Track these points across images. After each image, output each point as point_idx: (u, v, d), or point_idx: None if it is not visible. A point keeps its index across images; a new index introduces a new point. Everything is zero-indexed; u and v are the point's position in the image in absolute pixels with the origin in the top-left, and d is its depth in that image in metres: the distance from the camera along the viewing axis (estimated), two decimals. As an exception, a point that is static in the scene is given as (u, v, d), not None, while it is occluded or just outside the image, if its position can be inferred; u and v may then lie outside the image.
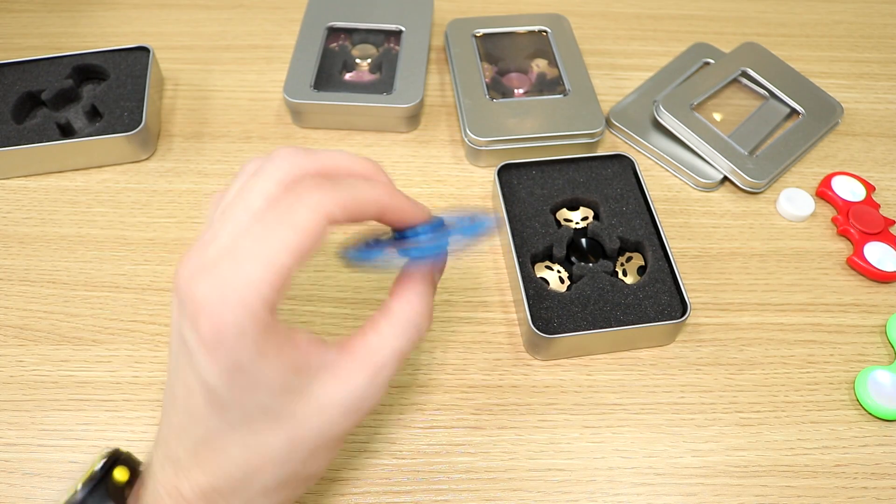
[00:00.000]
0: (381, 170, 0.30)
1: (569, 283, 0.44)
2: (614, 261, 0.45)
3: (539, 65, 0.57)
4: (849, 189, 0.50)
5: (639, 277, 0.44)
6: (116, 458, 0.30)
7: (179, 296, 0.25)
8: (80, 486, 0.29)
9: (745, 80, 0.56)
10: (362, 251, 0.31)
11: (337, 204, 0.26)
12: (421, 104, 0.52)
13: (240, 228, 0.25)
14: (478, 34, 0.57)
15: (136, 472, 0.30)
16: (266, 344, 0.25)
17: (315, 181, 0.26)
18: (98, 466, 0.29)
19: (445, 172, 0.51)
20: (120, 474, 0.30)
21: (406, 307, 0.29)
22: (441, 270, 0.32)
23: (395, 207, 0.28)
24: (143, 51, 0.54)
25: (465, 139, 0.50)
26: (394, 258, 0.30)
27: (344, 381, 0.27)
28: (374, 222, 0.29)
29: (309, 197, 0.25)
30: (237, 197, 0.27)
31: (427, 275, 0.30)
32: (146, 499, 0.28)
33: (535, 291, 0.42)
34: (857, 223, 0.47)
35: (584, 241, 0.46)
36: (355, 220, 0.27)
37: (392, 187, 0.29)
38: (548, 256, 0.45)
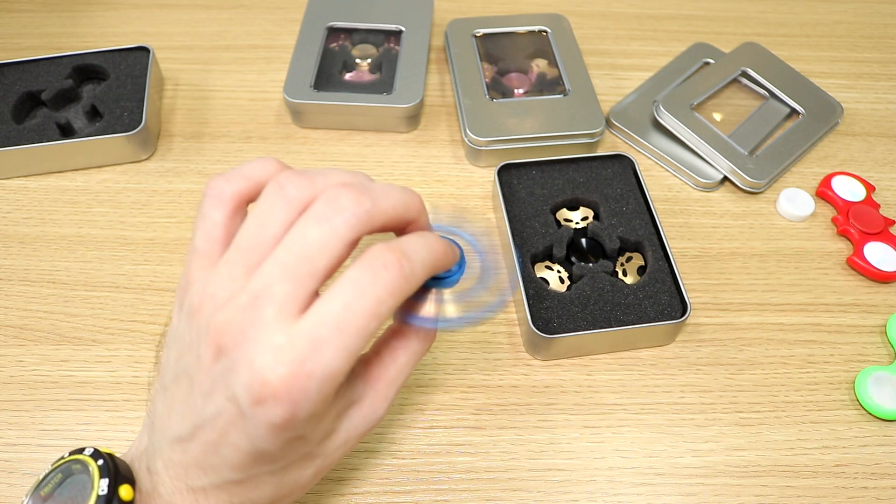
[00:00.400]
0: (424, 210, 0.29)
1: (569, 283, 0.44)
2: (614, 261, 0.45)
3: (539, 65, 0.57)
4: (849, 189, 0.50)
5: (639, 277, 0.44)
6: (115, 472, 0.28)
7: (222, 348, 0.24)
8: None
9: (745, 80, 0.56)
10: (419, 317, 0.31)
11: (404, 276, 0.25)
12: (421, 104, 0.52)
13: (306, 290, 0.24)
14: (478, 34, 0.57)
15: (134, 487, 0.28)
16: (325, 411, 0.26)
17: (384, 251, 0.25)
18: (103, 489, 0.26)
19: (445, 172, 0.51)
20: (125, 493, 0.27)
21: (421, 335, 0.30)
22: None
23: (443, 259, 0.28)
24: (143, 51, 0.54)
25: (465, 139, 0.50)
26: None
27: (368, 414, 0.29)
28: None
29: (380, 271, 0.25)
30: (289, 243, 0.25)
31: (436, 295, 0.31)
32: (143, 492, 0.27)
33: (535, 291, 0.42)
34: (857, 223, 0.47)
35: (584, 241, 0.46)
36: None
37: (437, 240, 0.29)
38: (548, 256, 0.45)
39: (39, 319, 0.43)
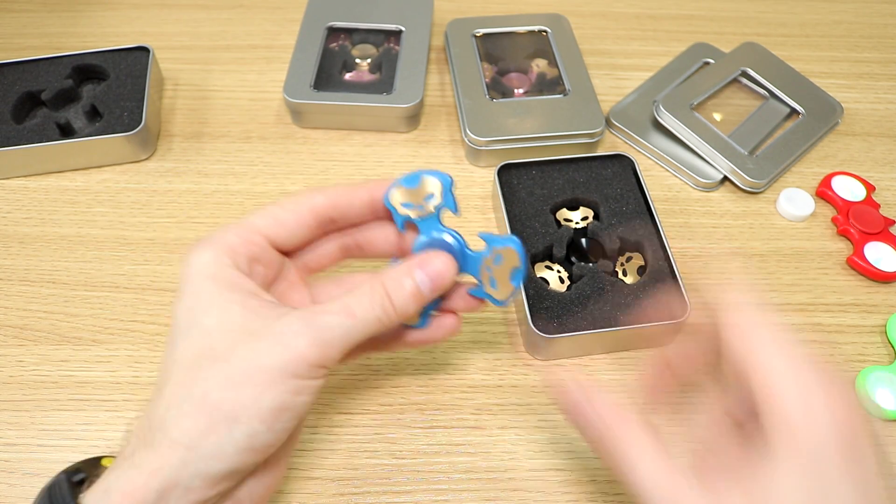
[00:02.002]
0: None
1: (569, 283, 0.44)
2: (614, 261, 0.45)
3: (539, 65, 0.57)
4: (849, 189, 0.50)
5: (639, 277, 0.44)
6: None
7: None
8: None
9: (745, 80, 0.56)
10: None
11: (322, 193, 0.31)
12: (421, 104, 0.52)
13: None
14: (478, 34, 0.57)
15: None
16: (218, 275, 0.28)
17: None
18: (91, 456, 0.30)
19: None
20: (108, 461, 0.29)
21: (360, 305, 0.29)
22: (432, 276, 0.31)
23: (379, 188, 0.32)
24: (143, 51, 0.54)
25: (465, 139, 0.50)
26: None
27: (273, 325, 0.28)
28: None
29: (298, 192, 0.30)
30: None
31: (408, 270, 0.30)
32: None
33: (535, 291, 0.42)
34: (857, 223, 0.47)
35: (584, 241, 0.46)
36: (342, 209, 0.32)
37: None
38: (548, 256, 0.45)
39: (39, 319, 0.43)
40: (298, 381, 0.27)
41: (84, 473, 0.28)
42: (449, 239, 0.32)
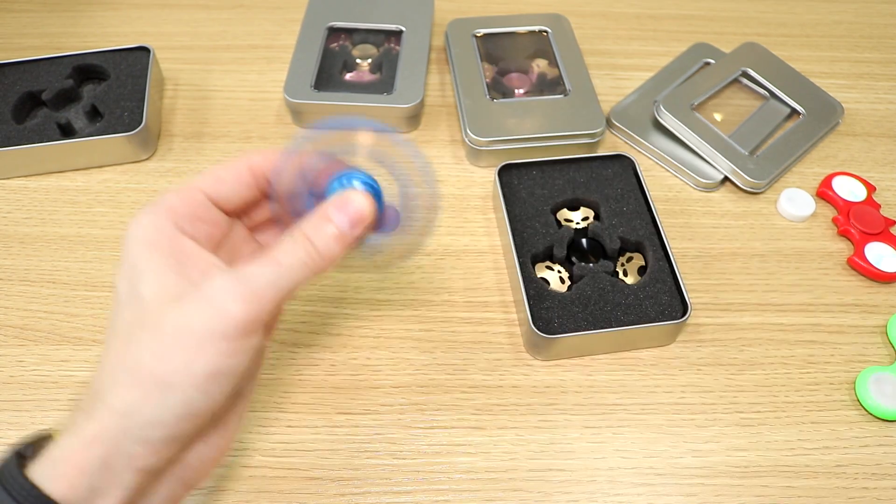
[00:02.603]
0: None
1: (569, 283, 0.44)
2: (615, 261, 0.45)
3: (539, 65, 0.57)
4: (849, 189, 0.50)
5: (639, 277, 0.44)
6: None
7: None
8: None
9: (745, 80, 0.56)
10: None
11: (260, 154, 0.31)
12: (421, 104, 0.52)
13: None
14: (478, 34, 0.57)
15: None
16: (158, 239, 0.28)
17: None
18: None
19: (446, 172, 0.51)
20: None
21: (287, 252, 0.28)
22: (351, 216, 0.30)
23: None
24: (144, 51, 0.54)
25: (466, 139, 0.50)
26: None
27: (205, 288, 0.27)
28: None
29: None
30: None
31: (324, 214, 0.30)
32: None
33: (536, 291, 0.42)
34: (857, 223, 0.47)
35: (584, 241, 0.46)
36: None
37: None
38: (548, 256, 0.45)
39: (39, 319, 0.43)
40: (230, 342, 0.27)
41: (32, 447, 0.28)
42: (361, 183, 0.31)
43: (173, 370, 0.26)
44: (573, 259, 0.45)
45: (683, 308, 0.41)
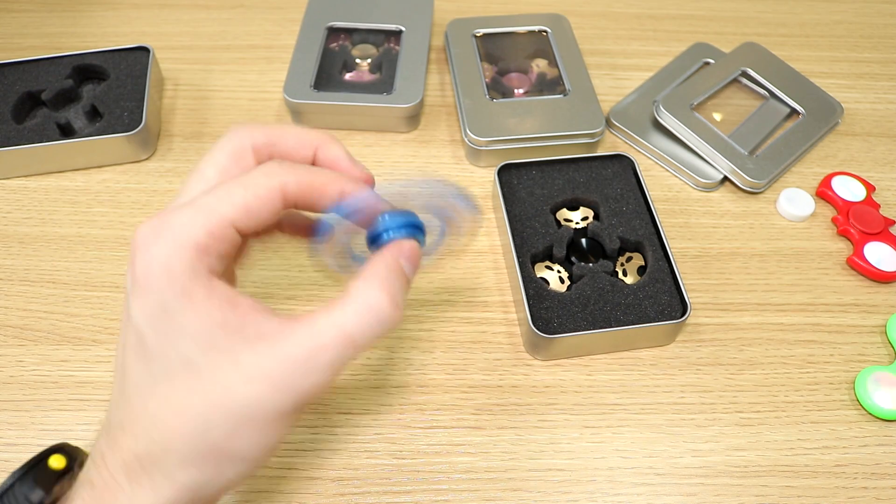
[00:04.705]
0: (333, 138, 0.30)
1: (569, 283, 0.44)
2: (614, 261, 0.45)
3: (539, 65, 0.57)
4: (849, 189, 0.50)
5: (639, 277, 0.44)
6: (57, 448, 0.30)
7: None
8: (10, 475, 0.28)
9: (745, 80, 0.56)
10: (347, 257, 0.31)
11: (293, 176, 0.27)
12: (421, 104, 0.52)
13: (193, 193, 0.27)
14: (478, 34, 0.57)
15: (77, 462, 0.29)
16: (194, 289, 0.25)
17: (278, 160, 0.28)
18: (33, 459, 0.29)
19: (445, 172, 0.51)
20: (56, 462, 0.29)
21: (366, 294, 0.26)
22: (414, 264, 0.29)
23: (352, 191, 0.29)
24: (143, 51, 0.54)
25: (465, 139, 0.50)
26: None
27: (277, 355, 0.25)
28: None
29: (266, 166, 0.27)
30: (193, 171, 0.28)
31: (394, 263, 0.28)
32: (80, 476, 0.27)
33: (535, 291, 0.42)
34: (857, 223, 0.47)
35: (584, 241, 0.46)
36: (310, 200, 0.28)
37: (351, 167, 0.30)
38: (548, 256, 0.45)
39: (39, 319, 0.43)
40: (301, 412, 0.26)
41: (41, 491, 0.27)
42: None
43: (248, 449, 0.25)
44: (573, 259, 0.45)
45: (683, 308, 0.41)
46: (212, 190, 0.26)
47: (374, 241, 0.29)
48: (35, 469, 0.28)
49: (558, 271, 0.44)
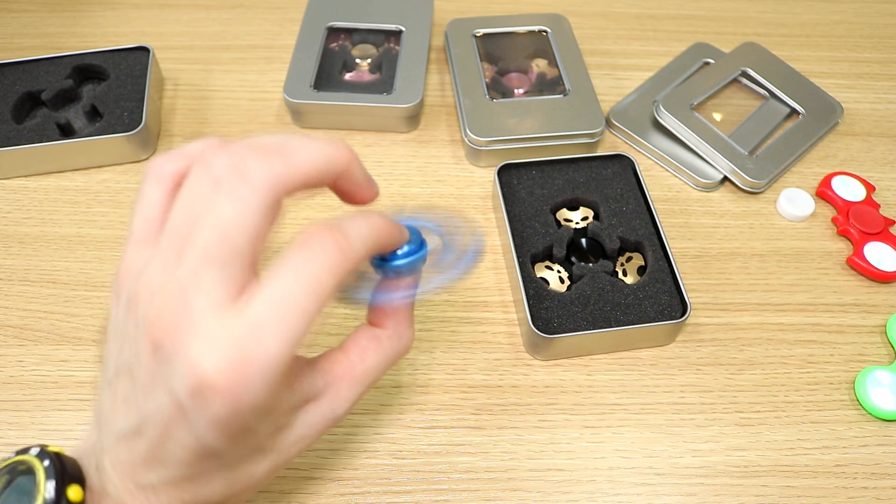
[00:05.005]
0: (356, 159, 0.28)
1: (569, 283, 0.44)
2: (614, 261, 0.45)
3: (539, 65, 0.57)
4: (849, 189, 0.50)
5: (639, 277, 0.44)
6: (62, 473, 0.26)
7: (158, 342, 0.23)
8: None
9: (745, 80, 0.56)
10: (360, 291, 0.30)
11: (370, 244, 0.26)
12: (421, 104, 0.52)
13: (235, 275, 0.23)
14: (478, 34, 0.57)
15: (84, 486, 0.27)
16: (273, 402, 0.24)
17: (329, 233, 0.24)
18: (50, 493, 0.25)
19: (445, 172, 0.51)
20: (74, 494, 0.26)
21: (395, 339, 0.29)
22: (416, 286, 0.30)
23: (387, 237, 0.27)
24: (143, 51, 0.54)
25: (465, 139, 0.50)
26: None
27: (327, 412, 0.27)
28: None
29: (322, 246, 0.24)
30: (205, 224, 0.24)
31: (411, 301, 0.30)
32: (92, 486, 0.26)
33: (535, 291, 0.42)
34: (857, 223, 0.47)
35: (584, 241, 0.46)
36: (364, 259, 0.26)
37: (367, 187, 0.29)
38: (548, 256, 0.45)
39: (39, 319, 0.43)
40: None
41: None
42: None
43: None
44: (573, 259, 0.45)
45: (683, 308, 0.41)
46: (280, 299, 0.23)
47: (391, 269, 0.29)
48: None
49: (558, 271, 0.44)
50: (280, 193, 0.24)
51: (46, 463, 0.26)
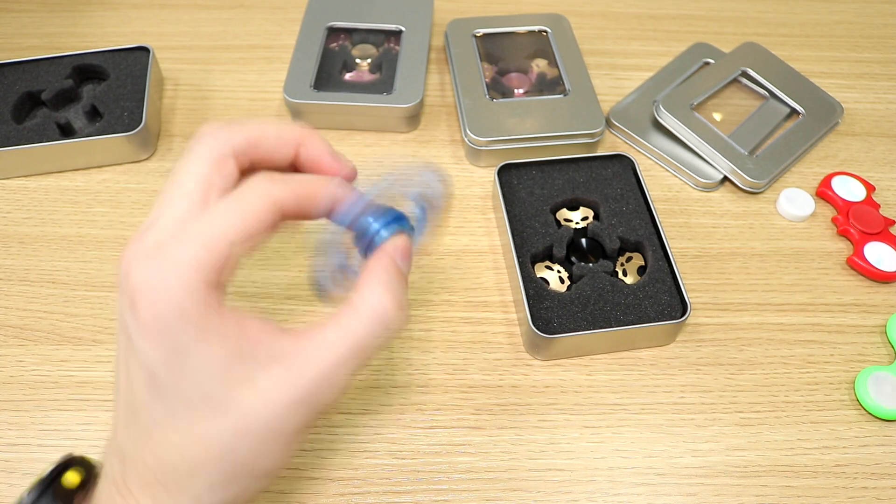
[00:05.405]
0: (314, 133, 0.30)
1: (569, 283, 0.44)
2: (614, 261, 0.45)
3: (539, 65, 0.57)
4: (849, 189, 0.50)
5: (639, 277, 0.44)
6: (69, 461, 0.29)
7: (120, 282, 0.25)
8: (26, 493, 0.28)
9: (745, 80, 0.56)
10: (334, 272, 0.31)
11: (286, 190, 0.26)
12: (421, 104, 0.52)
13: (179, 211, 0.26)
14: (478, 34, 0.57)
15: (92, 475, 0.29)
16: (208, 326, 0.24)
17: (266, 174, 0.27)
18: (47, 471, 0.28)
19: (445, 172, 0.51)
20: (71, 477, 0.28)
21: (370, 299, 0.27)
22: (408, 260, 0.29)
23: (343, 196, 0.29)
24: (143, 51, 0.54)
25: (465, 139, 0.50)
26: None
27: (295, 376, 0.25)
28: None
29: (257, 184, 0.26)
30: (170, 182, 0.27)
31: (391, 265, 0.28)
32: (97, 496, 0.27)
33: (535, 291, 0.42)
34: (857, 223, 0.47)
35: (584, 241, 0.46)
36: (304, 211, 0.27)
37: (334, 163, 0.30)
38: (548, 256, 0.45)
39: (39, 319, 0.43)
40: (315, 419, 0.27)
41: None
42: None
43: (272, 465, 0.26)
44: (573, 259, 0.45)
45: (683, 308, 0.41)
46: (205, 217, 0.25)
47: (365, 245, 0.29)
48: (51, 487, 0.28)
49: (558, 271, 0.44)
50: (223, 149, 0.28)
51: (63, 456, 0.29)
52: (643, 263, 0.45)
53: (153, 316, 0.24)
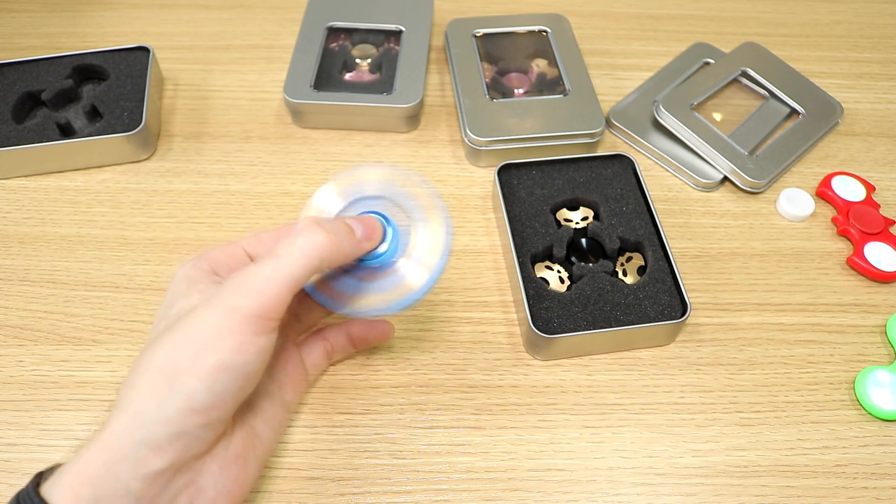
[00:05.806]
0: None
1: (569, 283, 0.44)
2: (614, 261, 0.45)
3: (539, 65, 0.57)
4: (849, 189, 0.50)
5: (639, 277, 0.44)
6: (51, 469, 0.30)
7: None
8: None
9: (745, 80, 0.56)
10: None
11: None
12: (421, 104, 0.52)
13: None
14: (478, 34, 0.57)
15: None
16: (193, 278, 0.32)
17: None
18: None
19: (445, 172, 0.51)
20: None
21: (303, 222, 0.31)
22: (368, 228, 0.34)
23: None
24: (143, 51, 0.54)
25: (465, 139, 0.50)
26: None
27: (220, 303, 0.29)
28: None
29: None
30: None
31: (339, 219, 0.33)
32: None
33: (535, 291, 0.42)
34: (857, 223, 0.47)
35: (584, 241, 0.46)
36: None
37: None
38: (548, 256, 0.45)
39: (39, 319, 0.43)
40: (236, 337, 0.28)
41: (53, 469, 0.28)
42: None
43: (179, 364, 0.28)
44: (573, 259, 0.45)
45: (683, 308, 0.41)
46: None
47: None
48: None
49: (558, 271, 0.44)
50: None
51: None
52: (643, 263, 0.45)
53: (170, 286, 0.33)
